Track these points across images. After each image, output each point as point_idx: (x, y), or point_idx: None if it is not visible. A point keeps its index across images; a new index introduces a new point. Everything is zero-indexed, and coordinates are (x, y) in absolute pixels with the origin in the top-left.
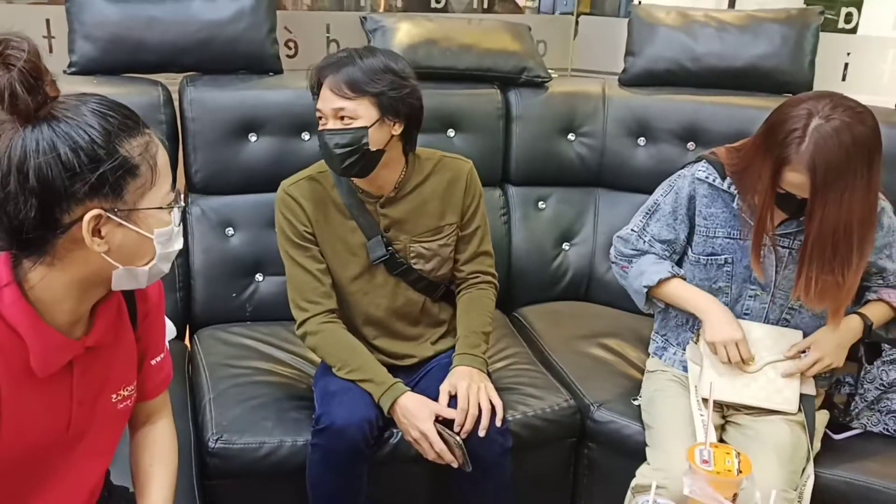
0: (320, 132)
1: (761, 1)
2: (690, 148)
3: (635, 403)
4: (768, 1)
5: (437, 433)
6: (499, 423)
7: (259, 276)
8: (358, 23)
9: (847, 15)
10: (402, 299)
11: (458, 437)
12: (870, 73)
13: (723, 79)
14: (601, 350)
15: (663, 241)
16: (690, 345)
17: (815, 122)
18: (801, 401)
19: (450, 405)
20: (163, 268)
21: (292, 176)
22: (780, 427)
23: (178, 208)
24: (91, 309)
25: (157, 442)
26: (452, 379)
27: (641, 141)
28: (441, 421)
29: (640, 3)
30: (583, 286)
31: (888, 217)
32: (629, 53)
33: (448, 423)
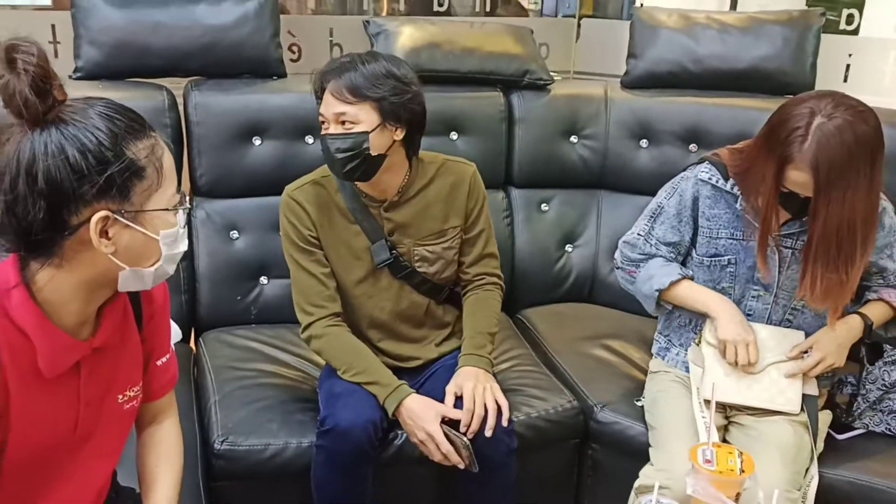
0: (322, 136)
1: (763, 3)
2: (693, 150)
3: (638, 404)
4: (770, 3)
5: (444, 434)
6: (505, 423)
7: (264, 279)
8: (361, 27)
9: (848, 16)
10: (407, 302)
11: (464, 438)
12: (871, 75)
13: (725, 81)
14: (604, 351)
15: (669, 244)
16: (692, 346)
17: (818, 121)
18: (803, 401)
19: (455, 406)
20: (168, 269)
21: (296, 180)
22: (784, 427)
23: (183, 210)
24: (97, 310)
25: (162, 442)
26: (458, 380)
27: (644, 143)
28: (447, 422)
29: (641, 5)
30: (586, 288)
31: (889, 217)
32: (631, 56)
33: (454, 423)
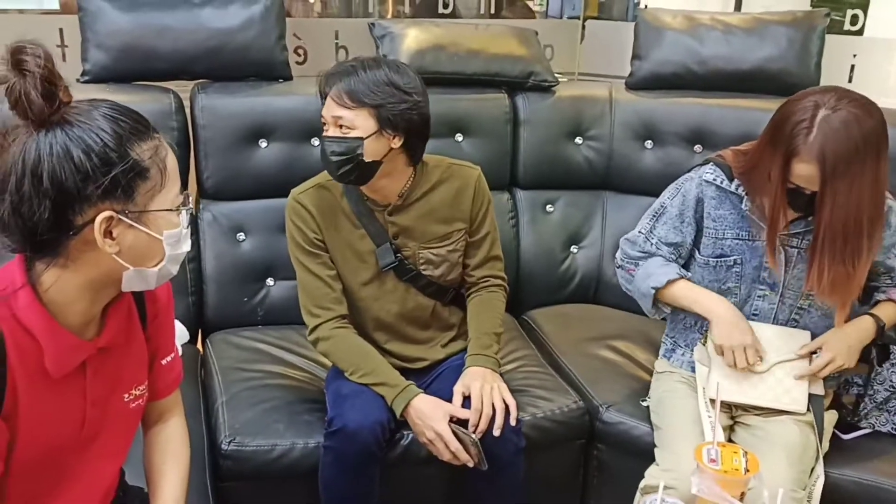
0: (321, 138)
1: (767, 3)
2: (697, 151)
3: (644, 405)
4: (774, 3)
5: (452, 433)
6: (513, 423)
7: (270, 281)
8: (366, 29)
9: (853, 17)
10: (413, 304)
11: (473, 436)
12: (876, 75)
13: (729, 81)
14: (610, 352)
15: (670, 244)
16: (698, 346)
17: (823, 113)
18: (809, 401)
19: (463, 406)
20: (172, 269)
21: (302, 184)
22: (789, 427)
23: (186, 210)
24: (102, 310)
25: (169, 440)
26: (465, 380)
27: (648, 144)
28: (455, 421)
29: (646, 6)
30: (591, 289)
31: None
32: (636, 57)
33: (462, 423)
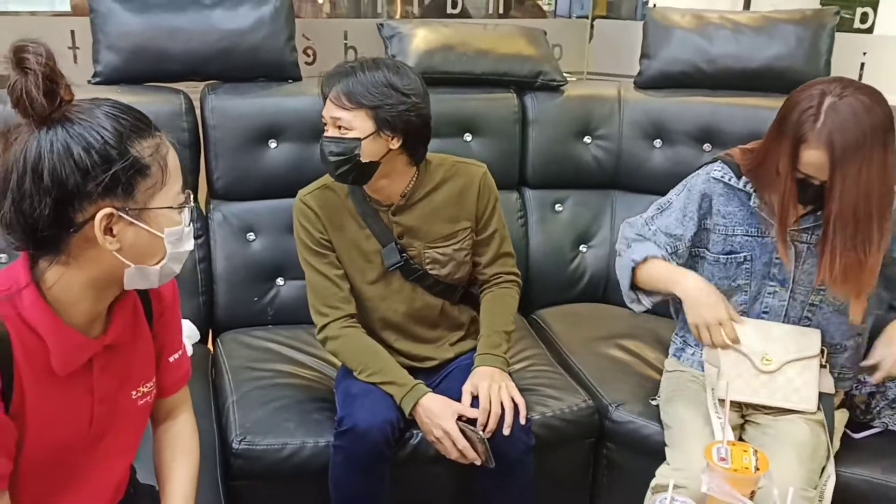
0: (321, 138)
1: (776, 2)
2: (706, 149)
3: (654, 404)
4: (783, 2)
5: (460, 430)
6: (522, 421)
7: (280, 281)
8: (375, 30)
9: (863, 15)
10: (420, 303)
11: (480, 433)
12: (886, 73)
13: (738, 80)
14: (619, 351)
15: (669, 235)
16: (707, 346)
17: (829, 100)
18: (819, 399)
19: (472, 406)
20: (174, 268)
21: (309, 185)
22: (800, 426)
23: (188, 209)
24: (108, 308)
25: (178, 437)
26: (474, 379)
27: (657, 143)
28: (464, 420)
29: (654, 5)
30: (600, 288)
31: None
32: (644, 56)
33: (471, 422)
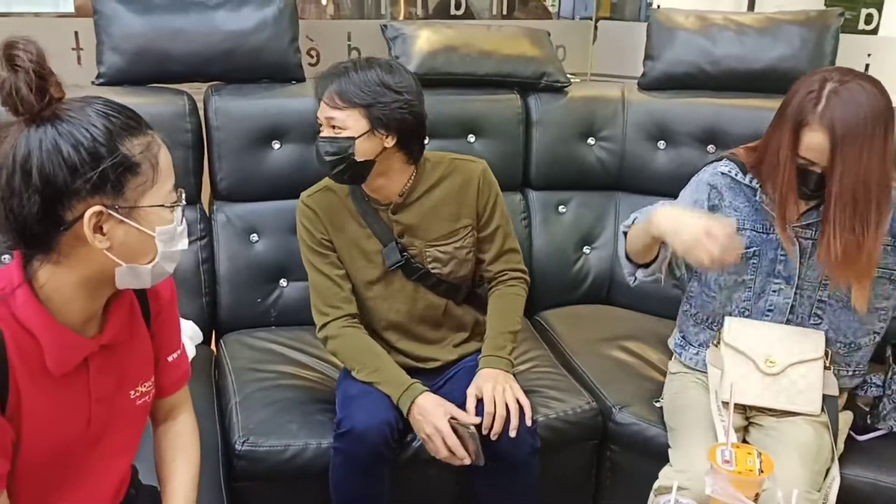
0: (317, 139)
1: (780, 3)
2: (710, 151)
3: (657, 405)
4: (788, 3)
5: (452, 428)
6: (528, 423)
7: (283, 282)
8: (379, 31)
9: (867, 16)
10: (423, 303)
11: (471, 428)
12: (891, 74)
13: (742, 81)
14: (622, 353)
15: None
16: (711, 348)
17: (831, 86)
18: (823, 402)
19: (478, 407)
20: (167, 268)
21: (311, 187)
22: (804, 428)
23: (180, 207)
24: (104, 308)
25: (178, 437)
26: (478, 381)
27: (661, 144)
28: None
29: (658, 7)
30: (604, 289)
31: None
32: (648, 57)
33: (476, 426)
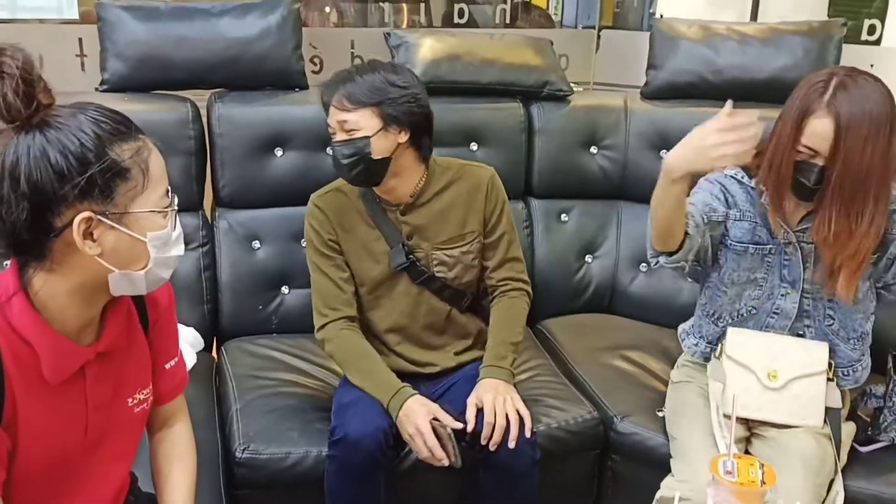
0: (331, 144)
1: (783, 13)
2: None
3: (660, 415)
4: (791, 13)
5: (432, 429)
6: (528, 434)
7: (285, 289)
8: (382, 39)
9: (870, 26)
10: (426, 308)
11: (449, 429)
12: (894, 85)
13: (745, 91)
14: (624, 362)
15: (705, 204)
16: (713, 361)
17: (838, 79)
18: (826, 414)
19: (477, 417)
20: (161, 274)
21: (322, 188)
22: (807, 440)
23: (173, 213)
24: (101, 315)
25: (174, 444)
26: (479, 392)
27: (664, 153)
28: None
29: (661, 16)
30: (606, 298)
31: None
32: (651, 67)
33: (459, 434)
